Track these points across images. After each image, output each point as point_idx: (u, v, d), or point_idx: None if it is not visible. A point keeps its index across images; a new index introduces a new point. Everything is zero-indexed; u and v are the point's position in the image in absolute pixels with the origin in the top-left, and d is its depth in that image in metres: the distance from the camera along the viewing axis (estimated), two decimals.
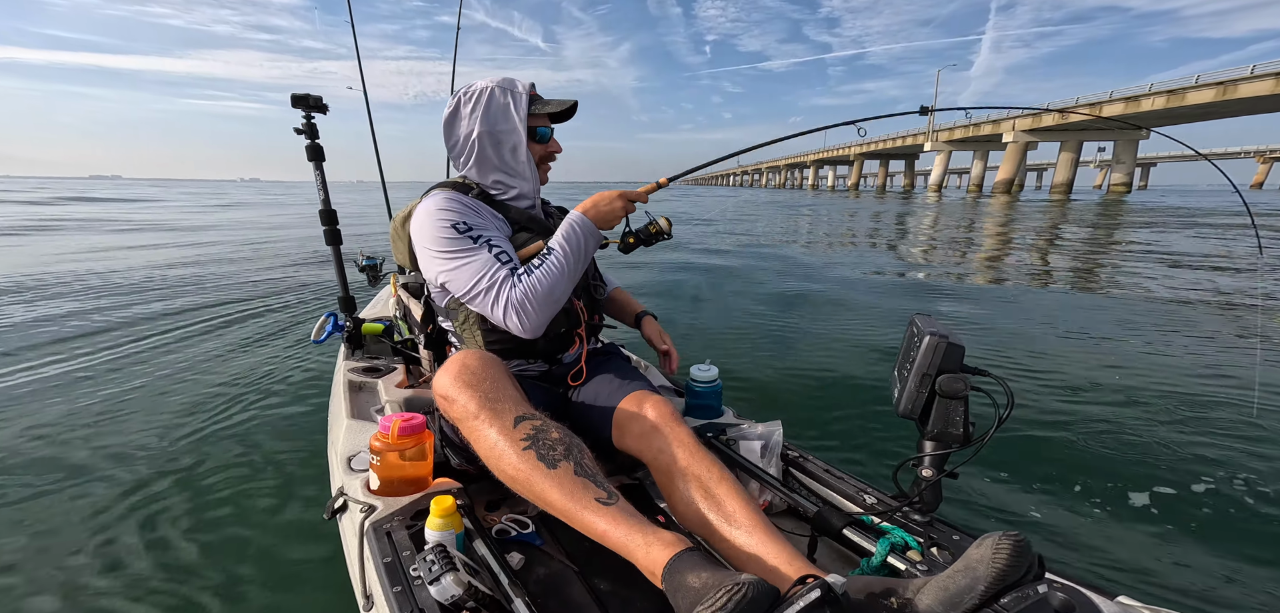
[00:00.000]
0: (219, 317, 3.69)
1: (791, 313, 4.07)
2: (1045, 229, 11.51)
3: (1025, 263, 6.98)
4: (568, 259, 1.09)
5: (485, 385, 0.94)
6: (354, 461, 1.11)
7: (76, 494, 1.64)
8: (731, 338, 3.46)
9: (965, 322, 3.86)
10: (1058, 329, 3.63)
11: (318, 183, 1.89)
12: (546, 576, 0.93)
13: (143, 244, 7.70)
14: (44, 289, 4.42)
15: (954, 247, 8.54)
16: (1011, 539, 0.63)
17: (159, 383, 2.50)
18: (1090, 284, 5.44)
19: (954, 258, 7.32)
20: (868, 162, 73.27)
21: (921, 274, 6.10)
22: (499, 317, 1.06)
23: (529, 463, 0.86)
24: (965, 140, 45.77)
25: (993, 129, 39.32)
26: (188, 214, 15.07)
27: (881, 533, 0.91)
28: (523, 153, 1.20)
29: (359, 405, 1.40)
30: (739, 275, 5.70)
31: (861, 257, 7.31)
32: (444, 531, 0.85)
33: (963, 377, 0.87)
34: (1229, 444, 1.98)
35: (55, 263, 5.85)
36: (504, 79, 1.20)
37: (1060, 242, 9.29)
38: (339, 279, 1.97)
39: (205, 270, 5.44)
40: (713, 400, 1.37)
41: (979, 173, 47.62)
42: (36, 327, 3.34)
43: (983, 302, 4.60)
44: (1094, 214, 16.40)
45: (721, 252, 7.54)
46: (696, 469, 0.93)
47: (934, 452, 0.90)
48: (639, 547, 0.78)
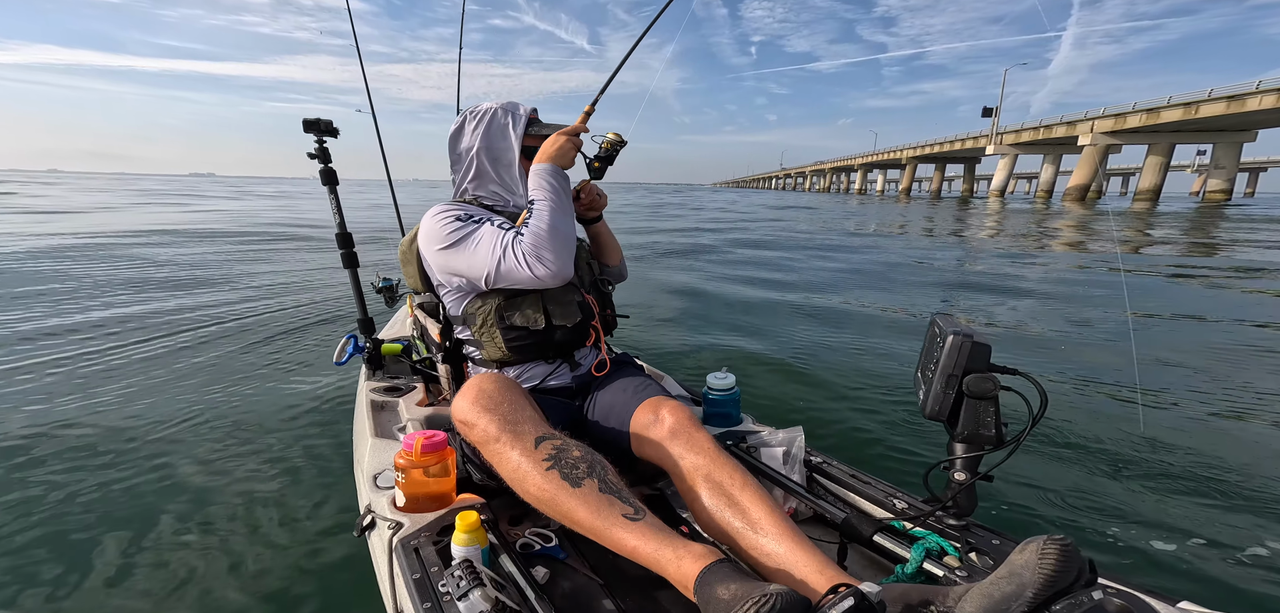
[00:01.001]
0: (250, 328, 3.76)
1: (809, 319, 4.03)
2: (1071, 234, 11.10)
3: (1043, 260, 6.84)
4: (549, 197, 1.14)
5: (504, 408, 0.95)
6: (380, 478, 1.12)
7: (101, 508, 1.67)
8: (748, 345, 3.44)
9: (995, 316, 3.78)
10: (1100, 326, 3.54)
11: (332, 207, 1.92)
12: (572, 589, 0.92)
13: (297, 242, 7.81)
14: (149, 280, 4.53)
15: (990, 250, 8.38)
16: (1058, 543, 0.60)
17: (189, 396, 2.54)
18: (1144, 271, 5.28)
19: (985, 256, 7.21)
20: (921, 165, 65.27)
21: (946, 273, 5.99)
22: (524, 271, 1.10)
23: (553, 483, 0.86)
24: (1034, 143, 41.32)
25: (1067, 131, 35.93)
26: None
27: (915, 539, 0.88)
28: (516, 170, 1.28)
29: (382, 424, 1.41)
30: (754, 282, 5.67)
31: (884, 258, 7.23)
32: (470, 546, 0.85)
33: (991, 376, 0.85)
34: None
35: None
36: (508, 103, 1.29)
37: (1089, 244, 8.95)
38: (357, 301, 2.00)
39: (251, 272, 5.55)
40: (731, 408, 1.35)
41: (1049, 178, 43.55)
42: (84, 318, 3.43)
43: (1012, 297, 4.51)
44: (1172, 223, 14.97)
45: (735, 258, 7.53)
46: (719, 476, 0.92)
47: (966, 454, 0.87)
48: (670, 561, 0.77)
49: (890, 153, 64.22)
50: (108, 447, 2.09)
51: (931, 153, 55.58)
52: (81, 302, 4.42)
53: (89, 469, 1.93)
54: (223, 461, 1.99)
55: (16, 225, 9.58)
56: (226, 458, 2.00)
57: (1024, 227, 13.39)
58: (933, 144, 53.78)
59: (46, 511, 1.68)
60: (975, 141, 47.75)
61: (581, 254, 1.32)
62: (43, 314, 3.99)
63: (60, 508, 1.69)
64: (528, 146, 1.28)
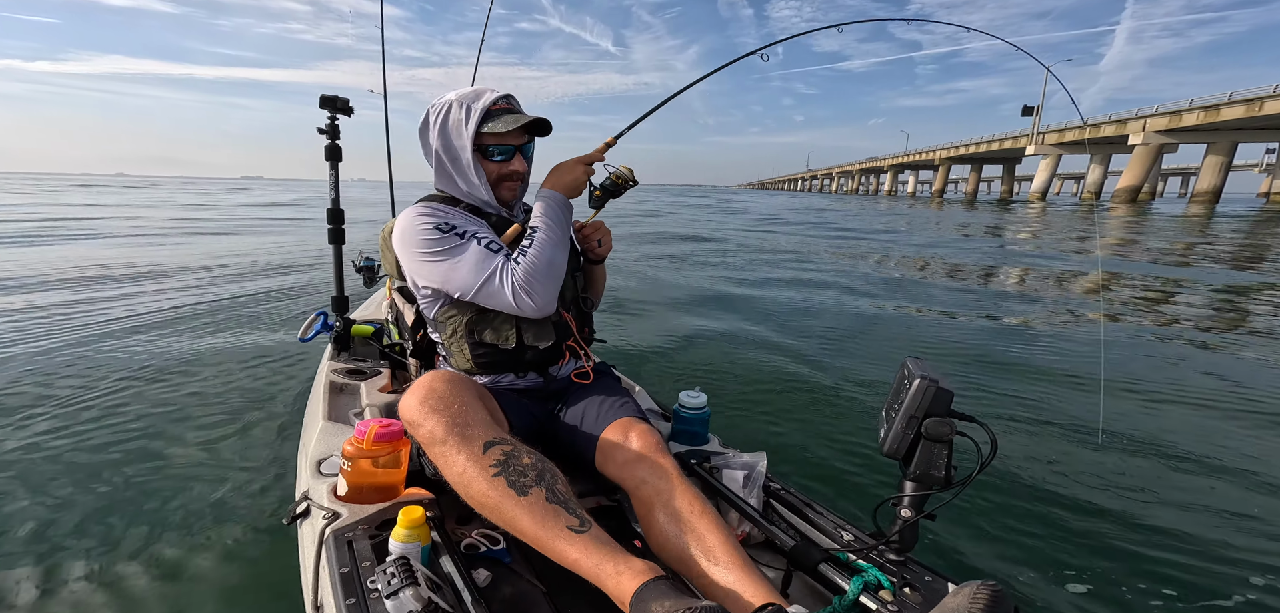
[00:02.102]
0: (217, 310, 3.69)
1: (787, 343, 4.05)
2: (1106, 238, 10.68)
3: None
4: (552, 230, 1.12)
5: (453, 409, 0.92)
6: (324, 465, 1.10)
7: (24, 483, 1.61)
8: (722, 364, 3.44)
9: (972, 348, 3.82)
10: (1059, 366, 3.59)
11: (330, 182, 1.91)
12: (512, 595, 0.91)
13: None
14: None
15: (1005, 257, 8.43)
16: (989, 589, 0.62)
17: (143, 373, 2.48)
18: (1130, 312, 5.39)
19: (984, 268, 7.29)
20: (956, 166, 59.56)
21: (952, 296, 6.04)
22: (509, 301, 1.07)
23: (499, 490, 0.85)
24: (1080, 142, 38.95)
25: (1116, 129, 33.37)
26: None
27: (856, 571, 0.89)
28: (472, 171, 1.16)
29: (338, 408, 1.38)
30: (738, 302, 5.69)
31: (882, 276, 7.29)
32: (409, 542, 0.83)
33: (949, 421, 0.86)
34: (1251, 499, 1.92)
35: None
36: (468, 93, 1.16)
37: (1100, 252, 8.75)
38: (335, 278, 1.97)
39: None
40: (699, 427, 1.35)
41: (1097, 178, 40.45)
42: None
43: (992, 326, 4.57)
44: (1226, 225, 13.71)
45: (724, 275, 7.55)
46: (679, 503, 0.92)
47: (914, 492, 0.88)
48: (609, 576, 0.77)
49: (922, 153, 60.82)
50: (35, 409, 2.03)
51: (967, 153, 52.50)
52: None
53: (15, 430, 1.87)
54: (165, 441, 1.94)
55: None
56: (167, 440, 1.95)
57: (1063, 228, 12.58)
58: (968, 144, 50.88)
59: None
60: (1014, 141, 44.80)
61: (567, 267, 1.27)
62: None
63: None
64: (482, 143, 1.15)
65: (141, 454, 1.83)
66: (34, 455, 1.77)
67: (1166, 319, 4.91)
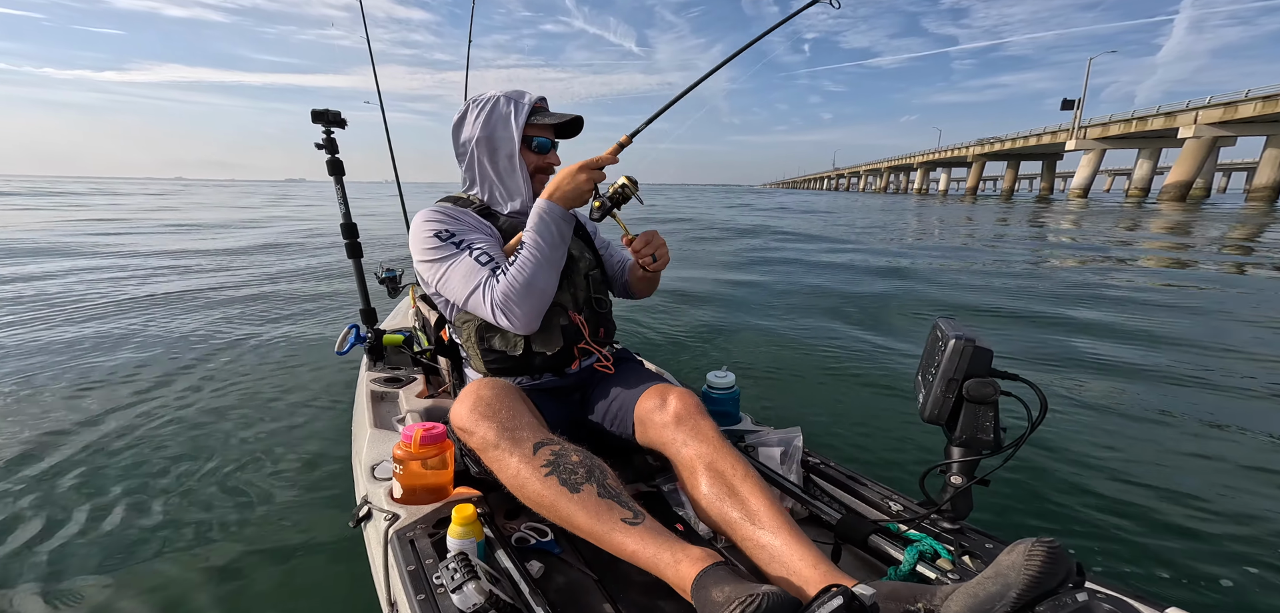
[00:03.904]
0: (258, 319, 3.79)
1: (812, 320, 4.02)
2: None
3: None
4: (541, 247, 1.07)
5: (501, 415, 0.95)
6: (377, 469, 1.13)
7: (98, 494, 1.69)
8: (749, 344, 3.43)
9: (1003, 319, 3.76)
10: (1110, 331, 3.51)
11: (338, 197, 1.92)
12: (566, 584, 0.93)
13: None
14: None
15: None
16: (1046, 545, 0.60)
17: (193, 386, 2.57)
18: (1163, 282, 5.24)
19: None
20: (991, 163, 56.37)
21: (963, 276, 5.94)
22: (489, 316, 1.07)
23: (552, 489, 0.87)
24: (1125, 137, 35.74)
25: (1165, 123, 31.16)
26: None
27: (909, 541, 0.88)
28: (516, 161, 1.21)
29: (381, 415, 1.42)
30: (761, 285, 5.66)
31: (898, 254, 7.19)
32: (465, 539, 0.85)
33: (992, 381, 0.85)
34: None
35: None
36: (513, 91, 1.23)
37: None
38: (360, 291, 2.01)
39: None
40: (730, 406, 1.35)
41: (1145, 174, 37.52)
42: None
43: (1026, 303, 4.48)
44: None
45: (744, 255, 7.51)
46: (721, 465, 0.92)
47: (963, 458, 0.87)
48: (667, 564, 0.78)
49: (955, 150, 58.11)
50: (107, 428, 2.12)
51: (1002, 150, 49.33)
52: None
53: (89, 451, 1.95)
54: (223, 448, 2.00)
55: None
56: (227, 446, 2.02)
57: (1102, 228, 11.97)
58: (1003, 140, 48.32)
59: (41, 491, 1.69)
60: (1053, 137, 42.32)
61: (578, 268, 1.22)
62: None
63: (56, 489, 1.71)
64: (529, 135, 1.22)
65: (196, 452, 1.91)
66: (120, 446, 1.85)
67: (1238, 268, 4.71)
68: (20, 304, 4.10)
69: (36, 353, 2.99)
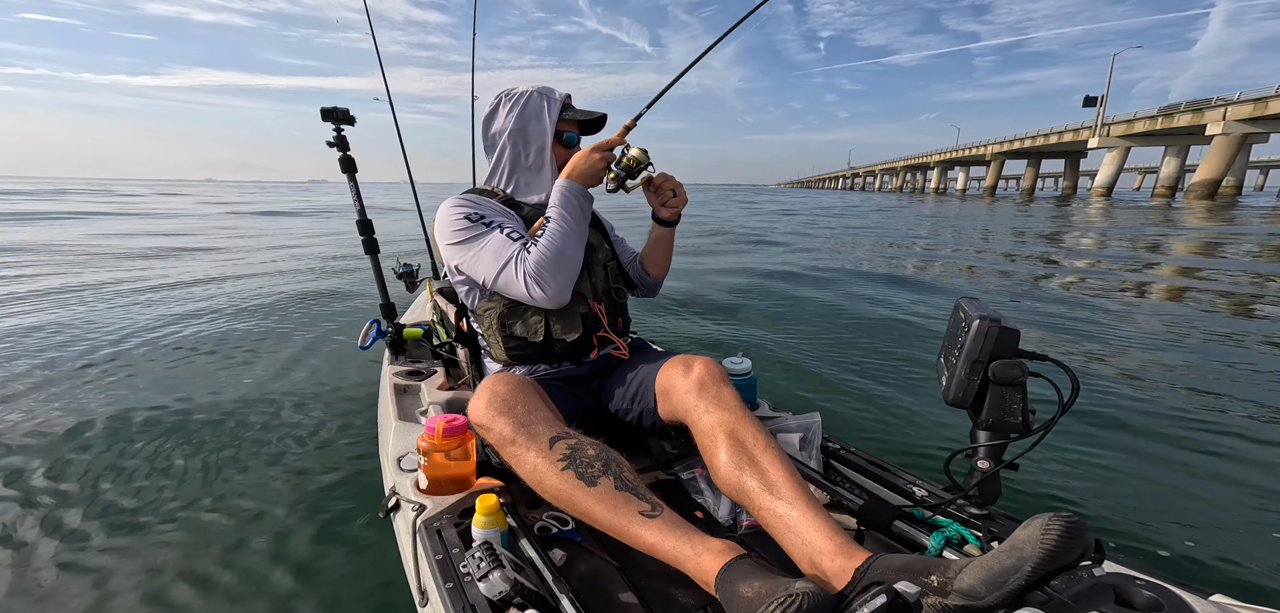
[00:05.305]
0: (279, 317, 3.89)
1: (828, 306, 3.98)
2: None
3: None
4: (566, 219, 1.11)
5: (517, 410, 0.96)
6: (403, 461, 1.15)
7: (130, 488, 1.75)
8: (765, 331, 3.41)
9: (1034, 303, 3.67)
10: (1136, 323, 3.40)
11: (352, 195, 1.94)
12: (588, 572, 0.94)
13: None
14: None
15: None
16: (1063, 519, 0.58)
17: (222, 376, 2.65)
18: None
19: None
20: (1010, 162, 56.25)
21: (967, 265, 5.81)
22: (522, 290, 1.08)
23: (569, 483, 0.87)
24: (1150, 134, 34.89)
25: (1192, 119, 30.42)
26: None
27: (935, 527, 0.87)
28: (547, 154, 1.25)
29: (404, 408, 1.44)
30: (777, 274, 5.60)
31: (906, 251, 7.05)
32: (489, 529, 0.86)
33: (1019, 363, 0.83)
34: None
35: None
36: (544, 87, 1.27)
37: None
38: (378, 287, 2.04)
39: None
40: (747, 392, 1.35)
41: (1172, 172, 36.18)
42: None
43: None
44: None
45: (760, 245, 7.44)
46: (742, 433, 0.92)
47: (990, 442, 0.85)
48: (688, 557, 0.77)
49: (973, 148, 57.16)
50: (143, 424, 2.19)
51: (1022, 148, 48.39)
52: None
53: (127, 448, 2.02)
54: (254, 442, 2.06)
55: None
56: (258, 440, 2.08)
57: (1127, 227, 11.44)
58: (1023, 138, 47.45)
59: (88, 486, 1.76)
60: (1075, 135, 41.54)
61: (597, 258, 1.26)
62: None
63: (99, 483, 1.78)
64: (561, 130, 1.27)
65: (239, 456, 1.96)
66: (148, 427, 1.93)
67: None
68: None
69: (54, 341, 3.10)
